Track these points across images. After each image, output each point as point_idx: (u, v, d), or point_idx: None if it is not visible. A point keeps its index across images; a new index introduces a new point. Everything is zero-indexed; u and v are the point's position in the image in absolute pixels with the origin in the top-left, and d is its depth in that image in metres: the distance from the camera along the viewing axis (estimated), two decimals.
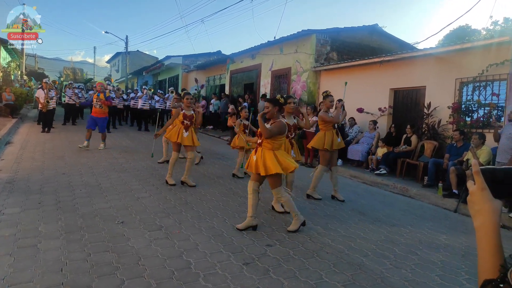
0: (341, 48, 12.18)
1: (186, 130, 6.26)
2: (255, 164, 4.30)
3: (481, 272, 0.84)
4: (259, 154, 4.29)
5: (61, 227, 4.03)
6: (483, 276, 0.82)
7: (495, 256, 0.83)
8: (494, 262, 0.82)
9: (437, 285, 3.26)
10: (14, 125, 12.43)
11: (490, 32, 18.12)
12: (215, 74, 19.86)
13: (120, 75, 38.92)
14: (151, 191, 5.79)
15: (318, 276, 3.27)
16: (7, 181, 5.80)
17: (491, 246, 0.84)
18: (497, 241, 0.84)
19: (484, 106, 7.42)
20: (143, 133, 13.94)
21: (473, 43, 7.91)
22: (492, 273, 0.81)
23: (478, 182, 0.89)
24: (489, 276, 0.81)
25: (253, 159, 4.37)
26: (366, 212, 5.51)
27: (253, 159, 4.38)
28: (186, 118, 6.31)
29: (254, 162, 4.32)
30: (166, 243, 3.80)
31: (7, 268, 3.03)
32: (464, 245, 4.38)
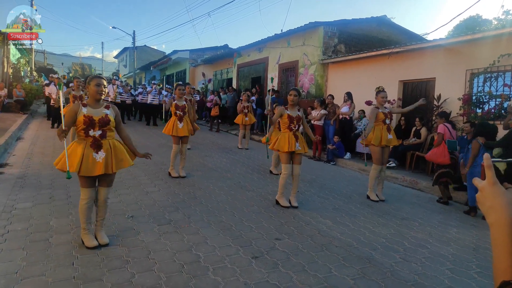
0: (349, 40, 12.05)
1: (180, 121, 6.31)
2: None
3: (497, 272, 0.78)
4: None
5: (72, 221, 4.08)
6: (500, 277, 0.76)
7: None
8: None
9: (447, 279, 3.24)
10: (25, 121, 12.58)
11: (502, 21, 17.78)
12: (222, 68, 19.83)
13: (128, 70, 39.06)
14: (160, 186, 5.82)
15: (327, 270, 3.26)
16: (18, 176, 5.88)
17: (507, 244, 0.77)
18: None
19: (496, 98, 7.30)
20: (152, 128, 14.01)
21: (484, 33, 7.76)
22: (510, 273, 0.75)
23: (489, 177, 0.84)
24: (506, 277, 0.75)
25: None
26: (375, 205, 5.48)
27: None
28: (178, 108, 6.37)
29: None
30: (175, 237, 3.82)
31: (19, 262, 3.08)
32: (475, 238, 4.33)
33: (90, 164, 3.28)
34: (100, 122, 3.35)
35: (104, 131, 3.38)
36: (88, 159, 3.28)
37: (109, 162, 3.36)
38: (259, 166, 7.83)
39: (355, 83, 10.41)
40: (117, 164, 3.42)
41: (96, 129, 3.35)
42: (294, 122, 5.10)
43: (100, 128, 3.36)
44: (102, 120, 3.36)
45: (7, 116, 12.72)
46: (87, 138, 3.35)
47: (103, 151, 3.34)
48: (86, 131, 3.33)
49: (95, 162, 3.30)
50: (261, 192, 5.78)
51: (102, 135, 3.37)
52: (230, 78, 18.63)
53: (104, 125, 3.37)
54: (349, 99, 9.35)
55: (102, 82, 3.42)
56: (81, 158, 3.25)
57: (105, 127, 3.38)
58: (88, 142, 3.34)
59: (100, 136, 3.36)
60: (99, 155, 3.32)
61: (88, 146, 3.32)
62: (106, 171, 3.34)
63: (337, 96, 10.02)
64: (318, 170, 7.97)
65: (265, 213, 4.77)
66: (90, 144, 3.33)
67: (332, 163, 8.90)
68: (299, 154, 5.08)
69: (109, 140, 3.42)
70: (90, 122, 3.31)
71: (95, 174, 3.30)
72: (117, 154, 3.43)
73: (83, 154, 3.27)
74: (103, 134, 3.38)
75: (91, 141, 3.34)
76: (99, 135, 3.36)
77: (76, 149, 3.32)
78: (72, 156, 3.29)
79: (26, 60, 22.41)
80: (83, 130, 3.33)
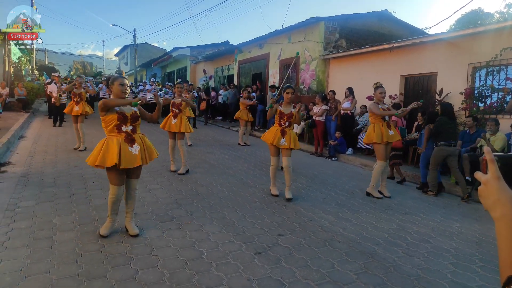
0: (350, 35, 12.00)
1: (174, 117, 6.53)
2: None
3: (503, 267, 0.77)
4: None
5: (75, 219, 4.10)
6: (507, 272, 0.75)
7: None
8: None
9: (450, 273, 3.24)
10: (27, 119, 12.60)
11: (504, 15, 17.67)
12: (223, 65, 19.80)
13: (129, 68, 39.06)
14: (162, 183, 5.83)
15: (330, 265, 3.27)
16: (21, 174, 5.90)
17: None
18: None
19: (498, 91, 7.26)
20: (153, 125, 14.01)
21: (486, 26, 7.71)
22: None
23: (492, 171, 0.83)
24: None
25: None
26: (378, 200, 5.48)
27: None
28: (174, 105, 6.59)
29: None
30: (178, 233, 3.83)
31: (24, 260, 3.10)
32: (478, 232, 4.33)
33: (128, 157, 3.49)
34: (131, 118, 3.60)
35: (135, 127, 3.64)
36: (125, 152, 3.49)
37: (143, 154, 3.65)
38: (261, 163, 7.83)
39: (357, 79, 10.37)
40: (150, 155, 3.74)
41: (128, 125, 3.58)
42: (284, 119, 5.27)
43: (131, 123, 3.60)
44: (133, 116, 3.62)
45: (9, 115, 12.75)
46: (119, 134, 3.55)
47: (137, 144, 3.60)
48: (119, 127, 3.54)
49: (131, 154, 3.53)
50: (263, 188, 5.78)
51: (133, 130, 3.62)
52: (231, 74, 18.60)
53: (134, 121, 3.63)
54: (350, 94, 9.31)
55: (125, 82, 3.65)
56: (119, 152, 3.44)
57: (135, 123, 3.64)
58: (121, 137, 3.53)
59: (132, 131, 3.61)
60: (134, 148, 3.57)
61: (123, 141, 3.52)
62: (143, 162, 3.64)
63: (338, 91, 9.99)
64: (320, 166, 7.96)
65: (268, 209, 4.78)
66: (124, 139, 3.53)
67: (334, 159, 8.89)
68: (290, 149, 5.23)
69: (139, 134, 3.69)
70: (124, 118, 3.54)
71: (135, 165, 3.55)
72: (147, 147, 3.73)
73: (120, 148, 3.47)
74: (134, 129, 3.63)
75: (124, 136, 3.54)
76: (131, 130, 3.60)
77: (111, 144, 3.49)
78: (110, 151, 3.46)
79: (27, 58, 22.41)
80: (115, 126, 3.53)
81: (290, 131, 5.26)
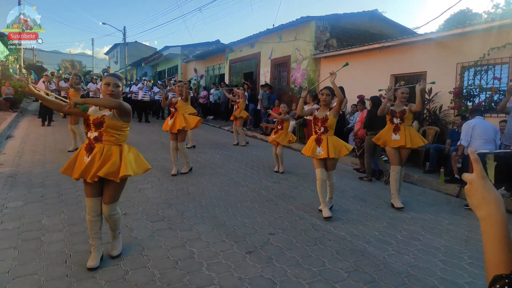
0: (341, 34, 12.06)
1: (171, 117, 6.43)
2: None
3: (489, 266, 0.77)
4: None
5: (64, 219, 4.05)
6: (493, 271, 0.76)
7: (505, 249, 0.77)
8: (504, 255, 0.76)
9: (440, 270, 3.27)
10: (15, 119, 12.41)
11: (492, 15, 17.92)
12: (214, 64, 19.74)
13: (119, 67, 38.75)
14: (153, 182, 5.80)
15: (321, 264, 3.28)
16: (9, 175, 5.81)
17: (500, 238, 0.78)
18: (506, 232, 0.78)
19: (486, 91, 7.37)
20: (144, 124, 13.93)
21: (474, 26, 7.82)
22: (504, 267, 0.74)
23: (477, 170, 0.84)
24: (499, 271, 0.75)
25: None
26: (368, 199, 5.52)
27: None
28: (171, 105, 6.54)
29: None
30: (169, 233, 3.81)
31: (11, 261, 3.05)
32: (466, 229, 4.38)
33: (77, 166, 2.98)
34: (94, 123, 2.96)
35: (101, 134, 2.96)
36: (79, 162, 2.98)
37: (88, 168, 2.91)
38: (252, 162, 7.83)
39: (347, 78, 10.41)
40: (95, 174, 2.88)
41: (92, 130, 2.99)
42: (318, 124, 4.64)
43: (96, 129, 2.97)
44: (97, 120, 2.95)
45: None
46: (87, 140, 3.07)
47: (93, 155, 2.93)
48: (87, 131, 3.05)
49: (81, 165, 2.95)
50: (255, 187, 5.78)
51: (97, 138, 2.97)
52: (223, 73, 18.56)
53: (99, 127, 2.95)
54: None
55: (112, 81, 3.01)
56: (75, 158, 3.04)
57: (100, 129, 2.95)
58: (85, 144, 3.06)
59: (95, 139, 2.97)
60: (89, 159, 2.95)
61: (83, 148, 3.04)
62: (81, 176, 2.94)
63: None
64: (312, 165, 7.96)
65: (259, 208, 4.78)
66: (85, 146, 3.03)
67: None
68: (331, 159, 4.57)
69: (105, 144, 2.97)
70: (87, 122, 3.00)
71: (73, 177, 2.99)
72: (112, 163, 2.91)
73: (79, 154, 3.05)
74: (99, 137, 2.96)
75: (86, 143, 3.05)
76: (94, 137, 2.98)
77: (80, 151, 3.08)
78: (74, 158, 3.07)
79: (14, 57, 22.08)
80: (85, 130, 3.09)
81: (327, 138, 4.57)
